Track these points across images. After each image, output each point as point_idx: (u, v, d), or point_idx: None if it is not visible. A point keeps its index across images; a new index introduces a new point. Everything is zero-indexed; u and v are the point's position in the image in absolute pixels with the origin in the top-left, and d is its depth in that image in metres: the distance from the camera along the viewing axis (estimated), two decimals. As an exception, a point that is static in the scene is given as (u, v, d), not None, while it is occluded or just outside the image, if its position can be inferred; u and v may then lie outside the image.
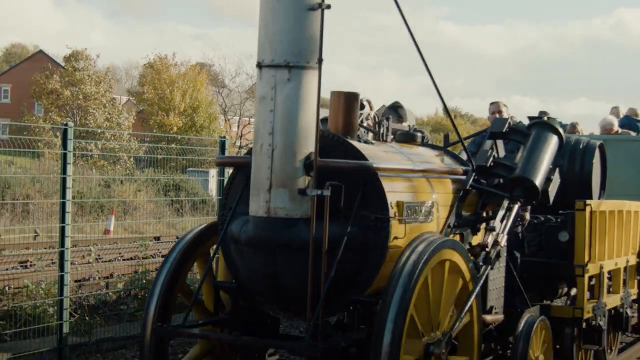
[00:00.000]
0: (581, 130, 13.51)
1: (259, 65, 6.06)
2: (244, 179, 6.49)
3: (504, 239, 7.17)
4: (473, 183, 7.35)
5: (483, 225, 7.35)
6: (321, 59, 5.92)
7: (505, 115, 9.47)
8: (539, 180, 7.51)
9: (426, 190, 6.83)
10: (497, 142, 7.88)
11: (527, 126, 7.96)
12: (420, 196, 6.70)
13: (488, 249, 7.00)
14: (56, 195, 14.11)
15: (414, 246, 6.04)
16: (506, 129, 7.80)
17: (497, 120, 8.12)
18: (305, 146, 5.99)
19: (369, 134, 7.53)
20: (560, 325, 8.62)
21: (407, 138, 7.71)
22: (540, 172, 7.55)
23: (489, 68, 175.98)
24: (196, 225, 7.18)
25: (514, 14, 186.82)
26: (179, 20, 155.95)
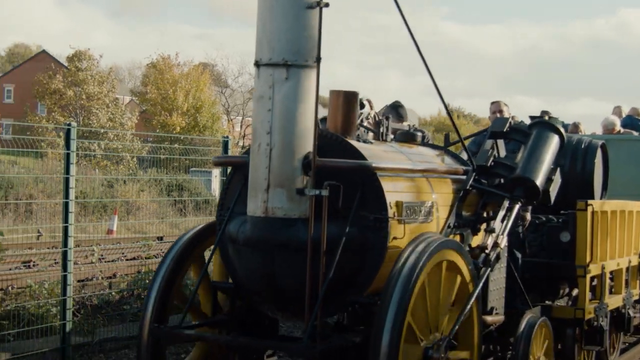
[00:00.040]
0: (583, 130, 13.46)
1: (257, 64, 6.02)
2: (242, 179, 6.45)
3: (504, 241, 7.11)
4: (473, 183, 7.29)
5: (483, 225, 7.31)
6: (319, 58, 5.88)
7: (506, 115, 9.40)
8: (539, 180, 7.45)
9: (426, 190, 6.78)
10: (498, 142, 7.81)
11: (528, 126, 7.90)
12: (419, 196, 6.66)
13: (488, 251, 6.95)
14: (59, 195, 14.15)
15: (414, 246, 6.00)
16: (507, 128, 7.75)
17: (498, 120, 8.07)
18: (304, 146, 5.94)
19: (369, 133, 7.49)
20: (561, 326, 8.59)
21: (407, 138, 7.67)
22: (541, 172, 7.50)
23: (491, 68, 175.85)
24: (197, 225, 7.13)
25: (516, 14, 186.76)
26: (180, 21, 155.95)
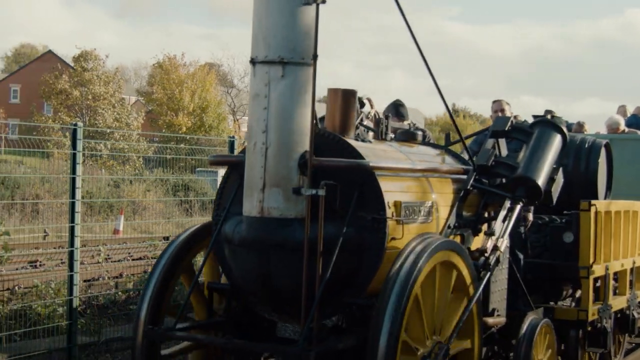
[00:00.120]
0: (588, 129, 13.36)
1: (253, 62, 5.94)
2: (238, 179, 6.36)
3: (503, 244, 6.97)
4: (474, 183, 7.18)
5: (484, 226, 7.20)
6: (316, 55, 5.78)
7: (508, 114, 9.27)
8: (541, 180, 7.32)
9: (426, 190, 6.68)
10: (500, 141, 7.68)
11: (530, 125, 7.78)
12: (419, 196, 6.55)
13: (487, 254, 6.83)
14: (65, 195, 14.13)
15: (412, 247, 5.91)
16: (508, 127, 7.63)
17: (499, 119, 7.96)
18: (300, 145, 5.85)
19: (370, 132, 7.40)
20: (564, 327, 8.50)
21: (408, 137, 7.57)
22: (543, 172, 7.37)
23: (498, 68, 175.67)
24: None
25: (523, 14, 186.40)
26: (183, 21, 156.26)
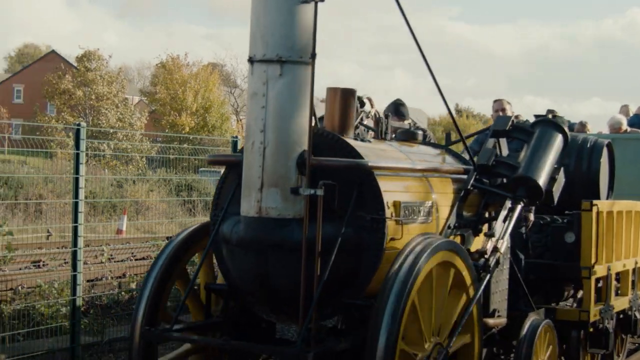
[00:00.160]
0: (590, 129, 13.30)
1: (251, 60, 5.87)
2: (236, 178, 6.30)
3: (504, 245, 6.90)
4: (475, 182, 7.12)
5: (485, 226, 7.15)
6: (314, 54, 5.73)
7: (509, 113, 9.20)
8: (542, 179, 7.25)
9: (425, 190, 6.62)
10: (500, 141, 7.61)
11: (531, 124, 7.71)
12: (419, 196, 6.50)
13: (487, 256, 6.77)
14: (69, 195, 14.18)
15: (411, 247, 5.85)
16: (509, 127, 7.56)
17: (500, 118, 7.89)
18: (298, 144, 5.80)
19: (370, 132, 7.35)
20: (566, 328, 8.45)
21: (408, 136, 7.52)
22: (544, 172, 7.30)
23: (501, 68, 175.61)
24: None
25: (526, 14, 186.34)
26: (187, 21, 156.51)
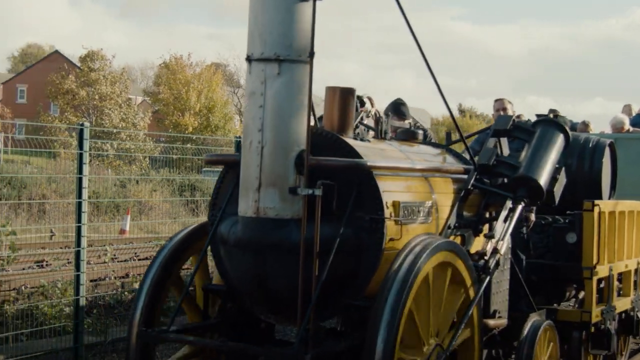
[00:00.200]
0: (593, 129, 13.26)
1: (248, 59, 5.82)
2: (234, 178, 6.25)
3: (504, 247, 6.84)
4: (475, 182, 7.07)
5: (486, 226, 7.09)
6: (313, 53, 5.68)
7: (510, 113, 9.16)
8: (543, 179, 7.20)
9: (425, 189, 6.56)
10: (501, 140, 7.56)
11: (532, 124, 7.66)
12: (418, 196, 6.44)
13: (487, 258, 6.71)
14: (72, 195, 14.23)
15: (410, 248, 5.80)
16: (510, 126, 7.51)
17: (501, 118, 7.82)
18: (297, 143, 5.74)
19: (370, 132, 7.31)
20: (567, 329, 8.41)
21: (408, 136, 7.47)
22: (545, 172, 7.25)
23: (504, 68, 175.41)
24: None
25: (528, 14, 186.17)
26: (190, 21, 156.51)
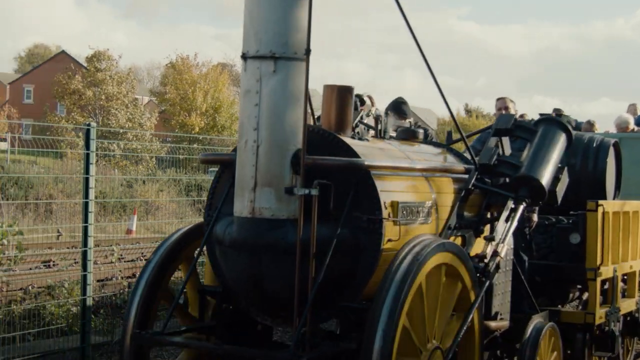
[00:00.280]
0: (598, 128, 13.14)
1: (244, 57, 5.74)
2: (230, 178, 6.18)
3: (504, 249, 6.75)
4: (476, 182, 6.97)
5: (487, 227, 6.99)
6: (309, 50, 5.60)
7: (512, 112, 9.05)
8: (545, 179, 7.09)
9: (425, 189, 6.47)
10: (503, 140, 7.43)
11: (534, 123, 7.56)
12: (418, 196, 6.35)
13: (487, 260, 6.60)
14: (79, 195, 14.22)
15: (409, 249, 5.72)
16: (512, 125, 7.39)
17: (502, 117, 7.71)
18: (293, 142, 5.67)
19: (370, 131, 7.21)
20: (571, 331, 8.28)
21: (408, 135, 7.37)
22: (547, 171, 7.14)
23: (510, 68, 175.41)
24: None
25: (536, 14, 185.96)
26: (194, 21, 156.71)
